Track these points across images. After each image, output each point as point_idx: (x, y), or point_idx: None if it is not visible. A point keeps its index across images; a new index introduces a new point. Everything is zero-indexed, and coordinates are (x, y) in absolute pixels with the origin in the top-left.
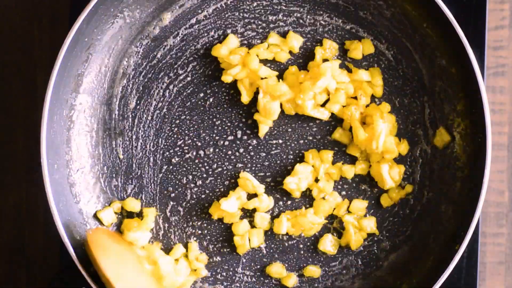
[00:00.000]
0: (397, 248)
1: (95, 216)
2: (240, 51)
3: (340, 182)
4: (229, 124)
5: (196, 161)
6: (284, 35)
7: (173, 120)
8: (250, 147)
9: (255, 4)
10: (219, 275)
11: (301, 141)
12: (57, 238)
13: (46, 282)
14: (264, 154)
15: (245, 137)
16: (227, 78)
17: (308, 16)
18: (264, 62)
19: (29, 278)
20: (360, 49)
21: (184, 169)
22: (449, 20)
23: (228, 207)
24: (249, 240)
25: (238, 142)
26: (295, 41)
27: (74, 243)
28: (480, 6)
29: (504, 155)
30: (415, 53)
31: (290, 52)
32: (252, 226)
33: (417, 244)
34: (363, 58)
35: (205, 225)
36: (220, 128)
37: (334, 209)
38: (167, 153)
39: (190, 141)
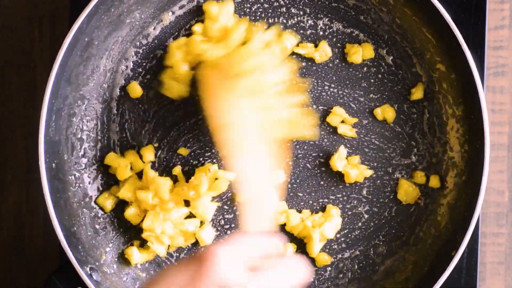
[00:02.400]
0: (394, 253)
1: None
2: (230, 18)
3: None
4: None
5: (197, 162)
6: None
7: (173, 122)
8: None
9: (255, 6)
10: None
11: None
12: (57, 238)
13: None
14: None
15: None
16: (197, 29)
17: (309, 20)
18: None
19: (29, 278)
20: (360, 53)
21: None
22: (448, 25)
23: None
24: None
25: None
26: (288, 43)
27: (71, 243)
28: (480, 6)
29: (504, 155)
30: (415, 58)
31: None
32: None
33: (413, 249)
34: (362, 62)
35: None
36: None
37: None
38: (166, 153)
39: (189, 140)
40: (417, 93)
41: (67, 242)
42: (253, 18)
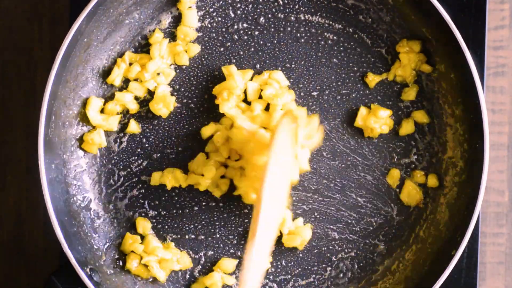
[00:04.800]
0: (393, 253)
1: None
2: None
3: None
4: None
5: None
6: None
7: (170, 120)
8: None
9: (251, 6)
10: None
11: None
12: (57, 238)
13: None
14: None
15: None
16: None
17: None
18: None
19: (29, 278)
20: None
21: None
22: (448, 25)
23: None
24: None
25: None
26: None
27: (71, 243)
28: (480, 6)
29: (504, 155)
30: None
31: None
32: None
33: (413, 248)
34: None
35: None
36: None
37: None
38: (166, 153)
39: (186, 139)
40: (410, 94)
41: (67, 242)
42: (251, 15)
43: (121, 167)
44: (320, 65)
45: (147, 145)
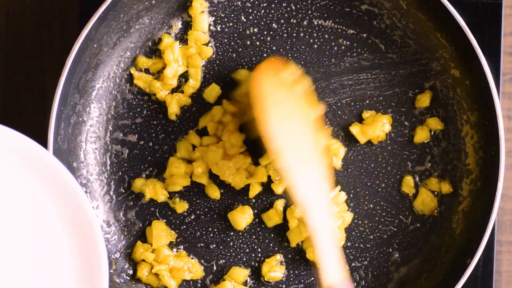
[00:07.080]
0: (408, 261)
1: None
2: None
3: None
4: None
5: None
6: None
7: (181, 127)
8: None
9: (261, 7)
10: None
11: None
12: None
13: None
14: None
15: None
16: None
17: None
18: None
19: None
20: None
21: None
22: (462, 30)
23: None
24: None
25: None
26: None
27: None
28: (495, 11)
29: None
30: (429, 63)
31: None
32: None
33: (428, 257)
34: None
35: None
36: None
37: None
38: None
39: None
40: (424, 101)
41: None
42: (263, 20)
43: (131, 174)
44: (333, 70)
45: (157, 152)
